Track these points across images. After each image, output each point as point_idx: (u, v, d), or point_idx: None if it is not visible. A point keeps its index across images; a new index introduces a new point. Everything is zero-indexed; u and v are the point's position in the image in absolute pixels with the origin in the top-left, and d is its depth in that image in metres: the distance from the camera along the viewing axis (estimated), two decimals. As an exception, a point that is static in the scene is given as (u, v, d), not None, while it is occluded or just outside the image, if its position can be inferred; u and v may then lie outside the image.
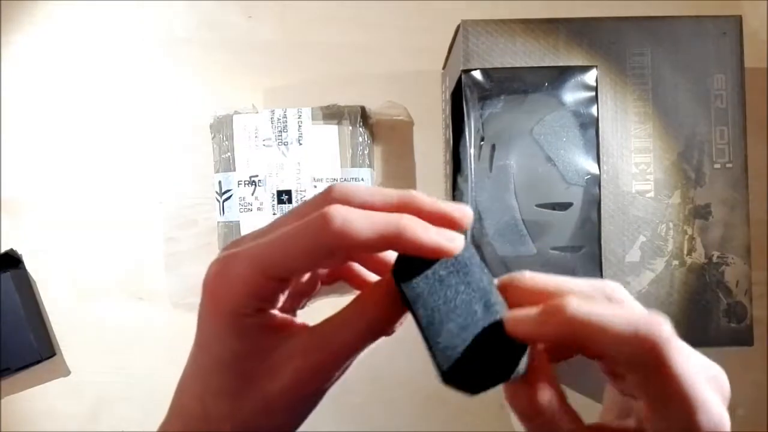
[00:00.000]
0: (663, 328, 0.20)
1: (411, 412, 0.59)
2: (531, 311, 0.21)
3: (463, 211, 0.23)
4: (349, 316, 0.23)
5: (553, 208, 0.47)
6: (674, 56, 0.47)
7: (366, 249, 0.22)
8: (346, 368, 0.24)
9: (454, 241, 0.22)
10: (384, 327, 0.23)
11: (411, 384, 0.59)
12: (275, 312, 0.24)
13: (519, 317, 0.22)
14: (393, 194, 0.22)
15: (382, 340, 0.24)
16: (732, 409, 0.22)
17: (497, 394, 0.27)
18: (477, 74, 0.47)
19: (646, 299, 0.46)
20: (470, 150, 0.47)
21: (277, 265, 0.22)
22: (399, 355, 0.58)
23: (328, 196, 0.22)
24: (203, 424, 0.24)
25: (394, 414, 0.60)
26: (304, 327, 0.24)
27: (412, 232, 0.21)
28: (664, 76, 0.47)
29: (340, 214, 0.21)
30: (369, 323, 0.23)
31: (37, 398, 0.60)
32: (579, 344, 0.21)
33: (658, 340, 0.19)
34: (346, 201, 0.22)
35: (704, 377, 0.21)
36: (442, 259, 0.22)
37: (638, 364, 0.20)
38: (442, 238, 0.22)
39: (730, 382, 0.23)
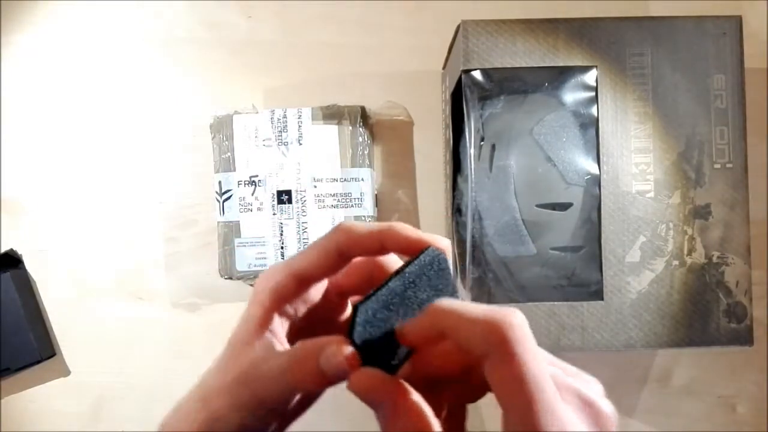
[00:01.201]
0: (514, 320, 0.21)
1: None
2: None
3: (443, 242, 0.27)
4: (285, 369, 0.25)
5: (553, 208, 0.47)
6: (674, 56, 0.47)
7: (365, 246, 0.26)
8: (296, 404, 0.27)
9: (436, 238, 0.26)
10: (310, 392, 0.26)
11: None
12: (280, 324, 0.28)
13: (407, 324, 0.25)
14: (382, 224, 0.27)
15: None
16: (732, 408, 0.22)
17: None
18: (477, 74, 0.47)
19: (646, 299, 0.46)
20: (470, 150, 0.47)
21: (301, 265, 0.27)
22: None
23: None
24: (205, 393, 0.27)
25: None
26: (276, 349, 0.27)
27: (402, 228, 0.26)
28: (664, 76, 0.47)
29: (346, 222, 0.26)
30: (296, 387, 0.25)
31: (37, 398, 0.60)
32: (444, 334, 0.23)
33: (508, 327, 0.21)
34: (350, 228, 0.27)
35: (570, 392, 0.23)
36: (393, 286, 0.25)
37: (487, 347, 0.21)
38: (425, 235, 0.26)
39: (730, 382, 0.23)
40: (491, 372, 0.22)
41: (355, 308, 0.23)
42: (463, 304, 0.23)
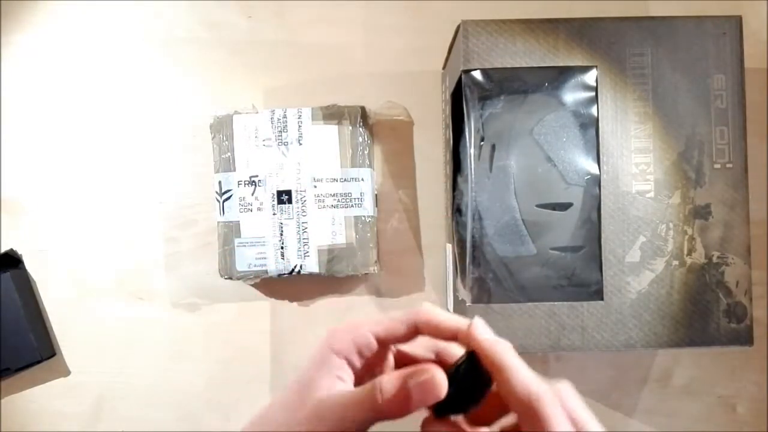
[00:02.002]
0: (546, 403, 0.26)
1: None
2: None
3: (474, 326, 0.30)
4: (365, 397, 0.29)
5: (553, 208, 0.47)
6: (674, 56, 0.47)
7: (441, 333, 0.31)
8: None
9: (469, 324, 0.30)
10: (389, 416, 0.29)
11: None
12: (346, 372, 0.31)
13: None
14: (461, 322, 0.31)
15: None
16: (732, 408, 0.22)
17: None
18: (477, 74, 0.47)
19: (646, 299, 0.46)
20: (470, 150, 0.47)
21: (380, 328, 0.31)
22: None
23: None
24: (266, 423, 0.31)
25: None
26: (347, 388, 0.31)
27: (480, 335, 0.29)
28: (664, 76, 0.47)
29: (431, 309, 0.31)
30: (378, 410, 0.28)
31: (37, 398, 0.60)
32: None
33: (540, 406, 0.26)
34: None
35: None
36: None
37: (522, 417, 0.27)
38: (485, 341, 0.29)
39: (730, 382, 0.24)
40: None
41: (471, 355, 0.29)
42: (518, 364, 0.28)
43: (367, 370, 0.32)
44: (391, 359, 0.33)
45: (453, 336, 0.30)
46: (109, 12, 0.60)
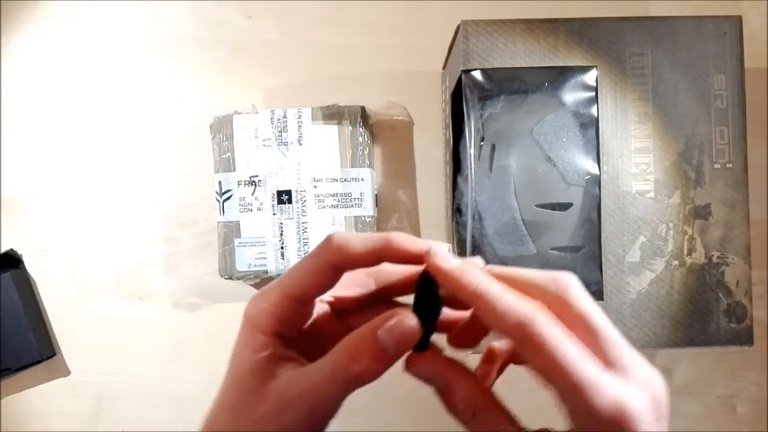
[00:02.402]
0: (538, 319, 0.23)
1: (412, 412, 0.59)
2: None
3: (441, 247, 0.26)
4: (334, 367, 0.25)
5: (553, 208, 0.47)
6: (674, 56, 0.47)
7: (361, 261, 0.26)
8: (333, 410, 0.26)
9: (437, 248, 0.26)
10: (369, 380, 0.25)
11: (412, 384, 0.59)
12: (284, 347, 0.27)
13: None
14: (377, 236, 0.26)
15: None
16: (732, 408, 0.22)
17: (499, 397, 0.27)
18: (477, 74, 0.47)
19: (646, 299, 0.46)
20: (470, 150, 0.47)
21: (295, 285, 0.26)
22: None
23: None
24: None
25: (396, 414, 0.60)
26: (301, 366, 0.26)
27: (399, 241, 0.26)
28: (664, 76, 0.47)
29: (338, 235, 0.26)
30: (354, 378, 0.24)
31: (37, 398, 0.60)
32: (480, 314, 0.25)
33: (534, 325, 0.23)
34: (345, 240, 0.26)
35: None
36: None
37: (518, 342, 0.24)
38: (425, 245, 0.26)
39: (730, 382, 0.24)
40: (527, 358, 0.24)
41: (424, 279, 0.26)
42: (496, 290, 0.24)
43: (301, 333, 0.28)
44: (323, 309, 0.29)
45: (420, 261, 0.26)
46: (109, 12, 0.60)
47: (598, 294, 0.46)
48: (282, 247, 0.56)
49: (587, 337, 0.24)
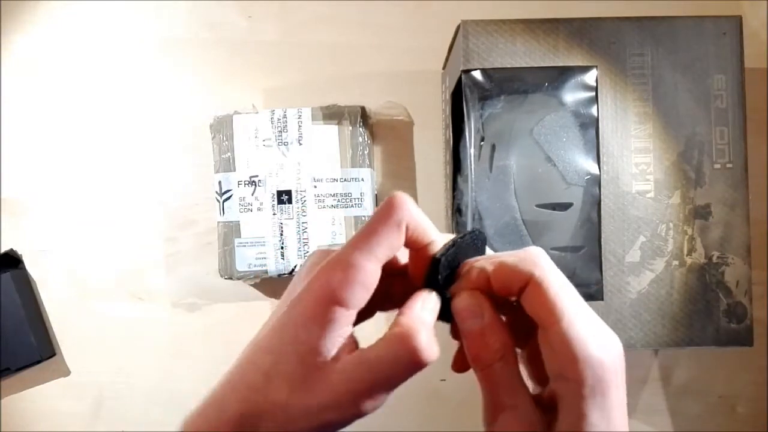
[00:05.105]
0: (539, 261, 0.26)
1: (412, 412, 0.59)
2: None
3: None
4: (393, 355, 0.24)
5: (553, 208, 0.47)
6: (674, 56, 0.47)
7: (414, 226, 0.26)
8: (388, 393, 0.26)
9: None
10: (424, 365, 0.25)
11: (411, 384, 0.59)
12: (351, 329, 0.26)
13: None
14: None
15: None
16: (732, 408, 0.22)
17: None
18: (477, 74, 0.47)
19: (646, 299, 0.46)
20: (470, 150, 0.47)
21: (373, 247, 0.25)
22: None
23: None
24: (262, 400, 0.25)
25: (395, 414, 0.60)
26: (358, 351, 0.26)
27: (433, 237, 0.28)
28: (664, 76, 0.47)
29: (402, 194, 0.26)
30: (413, 365, 0.24)
31: (37, 398, 0.60)
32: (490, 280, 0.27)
33: (535, 268, 0.26)
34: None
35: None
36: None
37: (522, 284, 0.26)
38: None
39: (730, 382, 0.24)
40: (530, 300, 0.26)
41: (437, 261, 0.27)
42: (497, 258, 0.27)
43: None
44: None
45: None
46: (109, 12, 0.60)
47: (598, 294, 0.46)
48: (282, 247, 0.56)
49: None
